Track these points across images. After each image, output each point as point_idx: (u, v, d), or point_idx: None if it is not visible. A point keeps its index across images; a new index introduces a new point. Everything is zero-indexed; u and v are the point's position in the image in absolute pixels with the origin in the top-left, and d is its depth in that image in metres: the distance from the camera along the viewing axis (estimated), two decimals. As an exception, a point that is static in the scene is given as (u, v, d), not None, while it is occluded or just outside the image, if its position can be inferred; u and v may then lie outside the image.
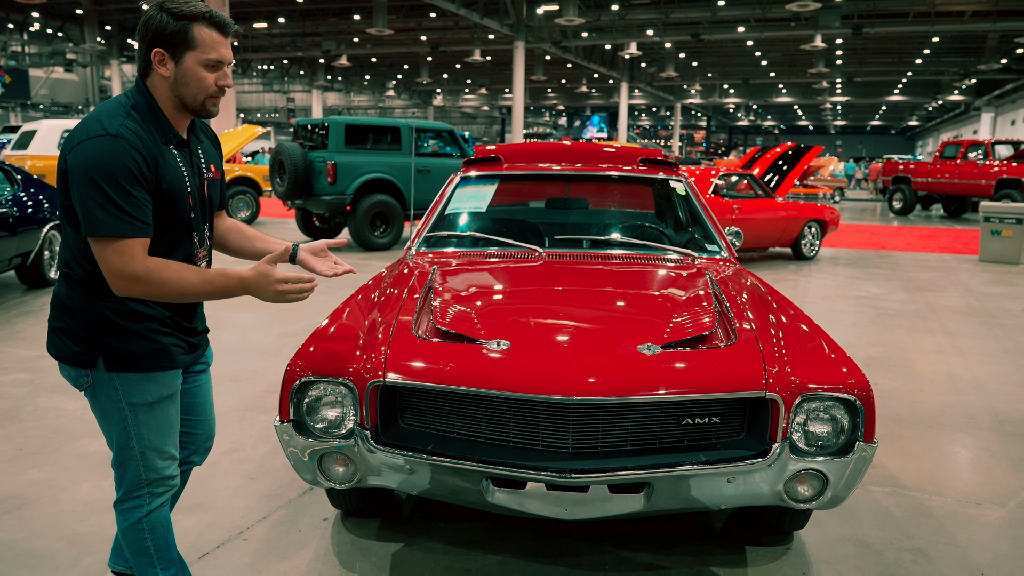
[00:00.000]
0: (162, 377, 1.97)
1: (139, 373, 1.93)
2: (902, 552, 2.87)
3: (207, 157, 2.07)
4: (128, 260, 1.78)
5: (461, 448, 2.24)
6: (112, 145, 1.76)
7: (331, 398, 2.29)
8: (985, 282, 9.45)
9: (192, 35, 1.83)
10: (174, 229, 1.93)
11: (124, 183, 1.76)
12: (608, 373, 2.18)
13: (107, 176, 1.74)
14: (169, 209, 1.88)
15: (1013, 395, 4.87)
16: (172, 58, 1.84)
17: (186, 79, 1.85)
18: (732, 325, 2.53)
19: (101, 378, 1.92)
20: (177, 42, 1.83)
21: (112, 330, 1.89)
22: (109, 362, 1.91)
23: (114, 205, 1.75)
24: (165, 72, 1.84)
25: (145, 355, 1.92)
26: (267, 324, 6.41)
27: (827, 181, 26.90)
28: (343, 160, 10.86)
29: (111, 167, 1.75)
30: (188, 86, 1.86)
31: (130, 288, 1.80)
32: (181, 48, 1.83)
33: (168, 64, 1.84)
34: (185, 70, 1.84)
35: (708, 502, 2.28)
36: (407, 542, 2.87)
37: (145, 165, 1.79)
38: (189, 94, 1.87)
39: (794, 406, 2.20)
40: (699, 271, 3.24)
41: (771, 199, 10.64)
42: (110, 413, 1.96)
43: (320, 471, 2.35)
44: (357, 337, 2.45)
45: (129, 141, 1.77)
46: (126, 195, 1.76)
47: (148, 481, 2.02)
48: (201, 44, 1.84)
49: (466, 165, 4.17)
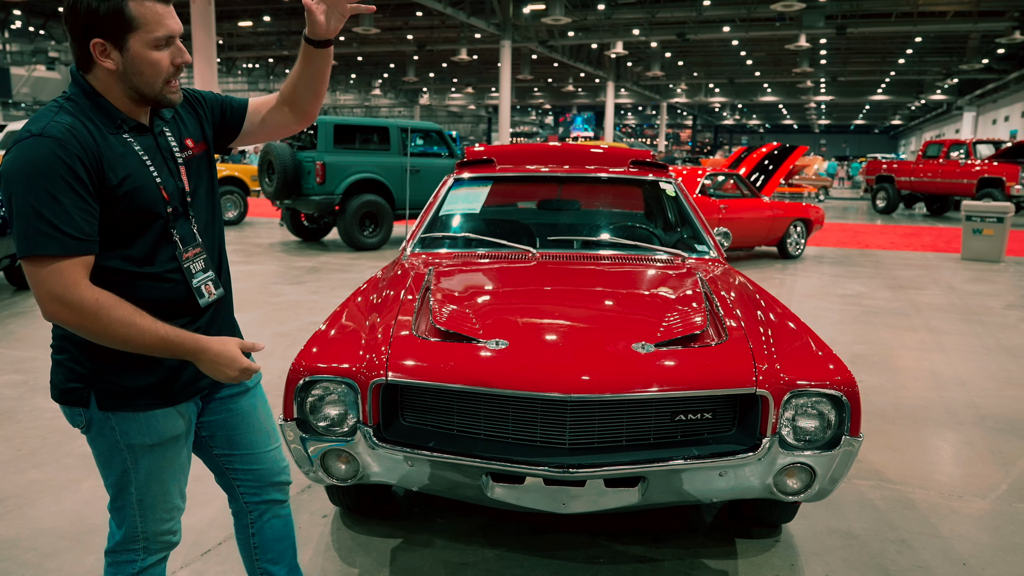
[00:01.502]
0: (163, 416, 1.72)
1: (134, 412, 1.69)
2: (887, 543, 2.97)
3: (182, 131, 1.75)
4: (64, 284, 1.49)
5: (461, 444, 2.31)
6: (36, 147, 1.47)
7: (333, 397, 2.35)
8: (967, 280, 9.61)
9: (130, 13, 1.51)
10: (147, 231, 1.64)
11: (52, 191, 1.46)
12: (604, 371, 2.25)
13: (31, 184, 1.46)
14: (132, 209, 1.59)
15: (993, 391, 4.99)
16: (116, 46, 1.53)
17: (138, 67, 1.55)
18: (722, 324, 2.61)
19: (97, 417, 1.68)
20: (115, 27, 1.51)
21: (102, 361, 1.63)
22: (102, 399, 1.67)
23: (40, 218, 1.46)
24: (111, 64, 1.54)
25: (139, 392, 1.68)
26: (259, 324, 6.44)
27: (812, 180, 27.14)
28: (332, 160, 10.89)
29: (36, 173, 1.46)
30: (142, 75, 1.56)
31: (63, 315, 1.51)
32: (122, 32, 1.52)
33: (112, 55, 1.54)
34: (133, 57, 1.54)
35: (700, 495, 2.35)
36: (406, 537, 2.93)
37: (82, 165, 1.49)
38: (146, 83, 1.58)
39: (783, 402, 2.28)
40: (689, 271, 3.31)
41: (757, 199, 10.76)
42: (108, 455, 1.73)
43: (323, 468, 2.41)
44: (358, 337, 2.51)
45: (58, 139, 1.48)
46: (54, 205, 1.47)
47: (144, 535, 1.78)
48: (144, 22, 1.53)
49: (459, 167, 4.23)
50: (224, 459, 1.94)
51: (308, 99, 1.90)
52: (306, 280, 8.76)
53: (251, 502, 1.99)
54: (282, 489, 2.02)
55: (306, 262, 10.17)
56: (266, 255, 10.83)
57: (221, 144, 1.91)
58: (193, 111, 1.81)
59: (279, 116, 1.92)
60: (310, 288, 8.21)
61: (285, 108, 1.92)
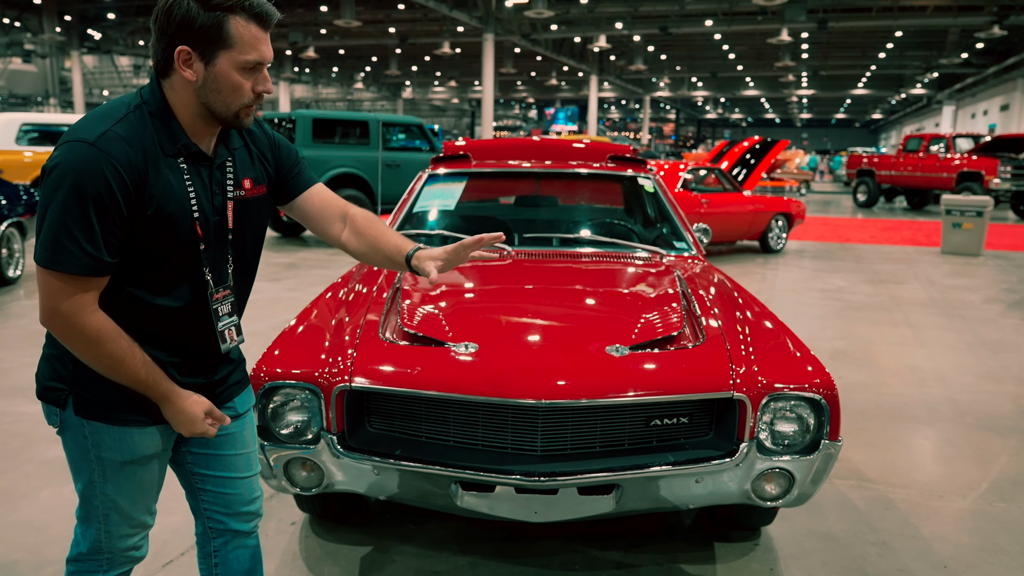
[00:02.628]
0: (139, 434, 1.63)
1: (109, 425, 1.61)
2: (867, 545, 2.92)
3: (240, 170, 1.66)
4: (72, 305, 1.45)
5: (429, 452, 2.23)
6: (85, 155, 1.41)
7: (296, 403, 2.26)
8: (946, 274, 9.63)
9: (228, 31, 1.46)
10: (172, 262, 1.56)
11: (87, 209, 1.41)
12: (576, 375, 2.18)
13: (70, 196, 1.41)
14: (160, 238, 1.52)
15: (973, 386, 4.97)
16: (201, 58, 1.47)
17: (218, 85, 1.49)
18: (700, 324, 2.54)
19: (71, 421, 1.61)
20: (209, 39, 1.46)
21: (85, 366, 1.55)
22: (78, 405, 1.59)
23: (68, 235, 1.42)
24: (191, 75, 1.48)
25: (117, 404, 1.59)
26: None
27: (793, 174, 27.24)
28: (310, 155, 10.74)
29: (78, 185, 1.40)
30: (220, 93, 1.50)
31: (59, 330, 1.48)
32: (213, 46, 1.47)
33: (196, 65, 1.48)
34: (217, 74, 1.48)
35: (677, 502, 2.29)
36: (376, 545, 2.84)
37: (124, 187, 1.43)
38: (220, 102, 1.51)
39: (761, 406, 2.22)
40: (667, 269, 3.25)
41: (739, 193, 10.74)
42: (78, 462, 1.66)
43: (286, 477, 2.32)
44: (324, 340, 2.42)
45: (108, 154, 1.42)
46: (86, 224, 1.42)
47: (108, 549, 1.71)
48: (238, 42, 1.47)
49: (434, 162, 4.14)
50: (197, 478, 1.82)
51: (361, 251, 1.85)
52: (283, 276, 8.63)
53: (216, 528, 1.86)
54: (250, 520, 1.89)
55: (284, 258, 10.04)
56: (244, 251, 10.67)
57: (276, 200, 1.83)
58: (263, 154, 1.74)
59: (329, 226, 1.85)
60: (287, 285, 8.10)
61: (340, 227, 1.85)
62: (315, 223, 1.87)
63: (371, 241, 1.83)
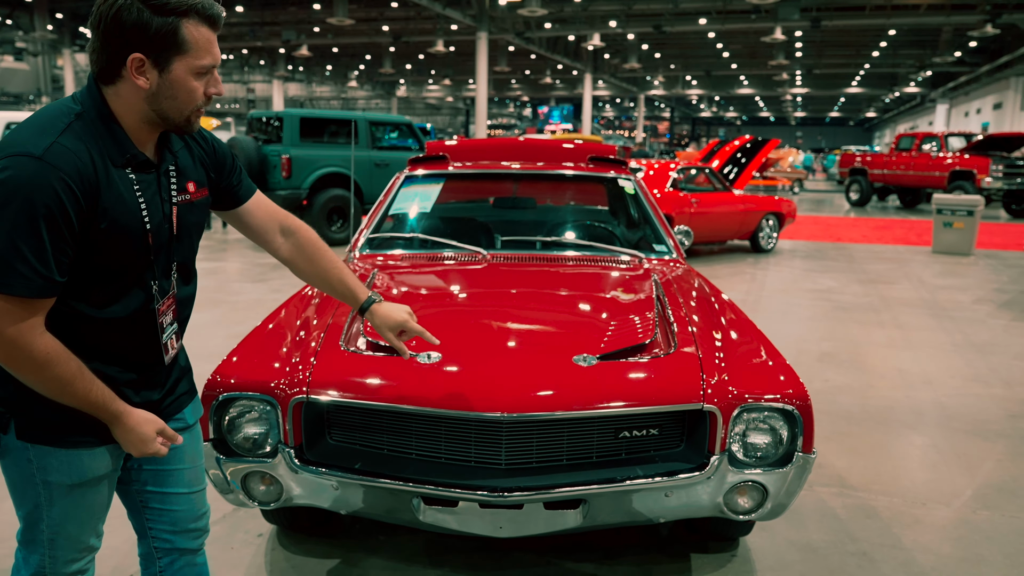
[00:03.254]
0: (88, 456, 1.55)
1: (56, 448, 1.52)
2: (847, 556, 2.86)
3: (183, 175, 1.60)
4: (19, 328, 1.36)
5: (390, 466, 2.15)
6: (32, 170, 1.33)
7: (253, 415, 2.19)
8: (937, 274, 9.59)
9: (182, 36, 1.40)
10: (121, 277, 1.50)
11: (37, 227, 1.33)
12: (542, 387, 2.11)
13: (19, 214, 1.32)
14: (111, 253, 1.45)
15: (960, 389, 4.91)
16: (155, 65, 1.40)
17: (173, 91, 1.43)
18: (672, 332, 2.47)
19: (12, 445, 1.52)
20: (164, 45, 1.39)
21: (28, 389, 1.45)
22: (21, 429, 1.50)
23: (16, 254, 1.32)
24: (144, 83, 1.41)
25: (64, 426, 1.50)
26: (216, 324, 6.24)
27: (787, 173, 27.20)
28: (298, 154, 10.66)
29: (27, 203, 1.32)
30: (175, 99, 1.44)
31: (4, 353, 1.38)
32: (168, 53, 1.40)
33: (150, 73, 1.41)
34: (173, 80, 1.42)
35: (647, 516, 2.22)
36: (344, 558, 2.77)
37: (76, 204, 1.36)
38: (174, 108, 1.46)
39: (732, 417, 2.15)
40: (645, 274, 3.18)
41: (729, 192, 10.68)
42: (21, 487, 1.57)
43: (244, 491, 2.24)
44: (284, 348, 2.34)
45: (58, 168, 1.34)
46: (35, 243, 1.33)
47: (53, 574, 1.63)
48: (193, 47, 1.42)
49: (412, 163, 4.07)
50: (144, 495, 1.74)
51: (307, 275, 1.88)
52: (269, 277, 8.55)
53: (162, 548, 1.78)
54: (197, 537, 1.81)
55: (271, 259, 9.94)
56: (232, 251, 10.59)
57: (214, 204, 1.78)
58: (205, 155, 1.68)
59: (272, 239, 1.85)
60: (272, 286, 8.01)
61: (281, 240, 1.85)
62: (257, 234, 1.84)
63: (322, 272, 1.86)
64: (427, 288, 2.99)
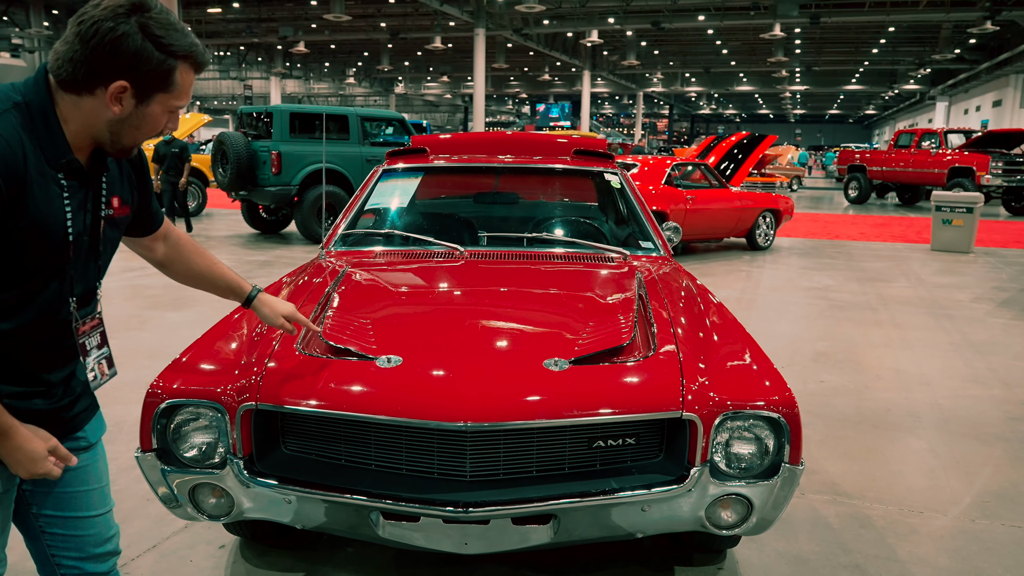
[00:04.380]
0: None
1: None
2: (839, 569, 2.71)
3: (111, 188, 1.50)
4: None
5: (347, 478, 2.00)
6: None
7: (201, 423, 2.04)
8: (935, 272, 9.45)
9: (174, 77, 1.36)
10: (27, 282, 1.36)
11: None
12: (508, 394, 1.96)
13: None
14: (24, 255, 1.33)
15: (958, 390, 4.77)
16: (135, 96, 1.34)
17: (141, 123, 1.38)
18: (652, 334, 2.32)
19: None
20: (154, 82, 1.34)
21: None
22: None
23: None
24: (117, 110, 1.33)
25: None
26: (196, 323, 6.08)
27: (784, 170, 27.05)
28: (288, 150, 10.50)
29: None
30: (139, 130, 1.39)
31: None
32: (153, 89, 1.35)
33: (127, 102, 1.34)
34: (147, 114, 1.37)
35: (624, 530, 2.07)
36: (309, 571, 2.62)
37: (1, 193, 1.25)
38: (132, 137, 1.39)
39: (714, 426, 2.00)
40: (629, 272, 3.03)
41: (725, 189, 10.53)
42: None
43: (193, 504, 2.09)
44: (236, 351, 2.20)
45: None
46: None
47: None
48: (178, 88, 1.38)
49: (390, 157, 3.92)
50: (43, 520, 1.57)
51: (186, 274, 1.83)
52: (256, 275, 8.40)
53: (67, 571, 1.62)
54: (107, 561, 1.65)
55: (261, 256, 9.81)
56: (221, 248, 10.44)
57: None
58: (132, 173, 1.59)
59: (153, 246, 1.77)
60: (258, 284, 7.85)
61: (160, 244, 1.77)
62: (142, 245, 1.75)
63: (203, 270, 1.84)
64: (398, 286, 2.84)
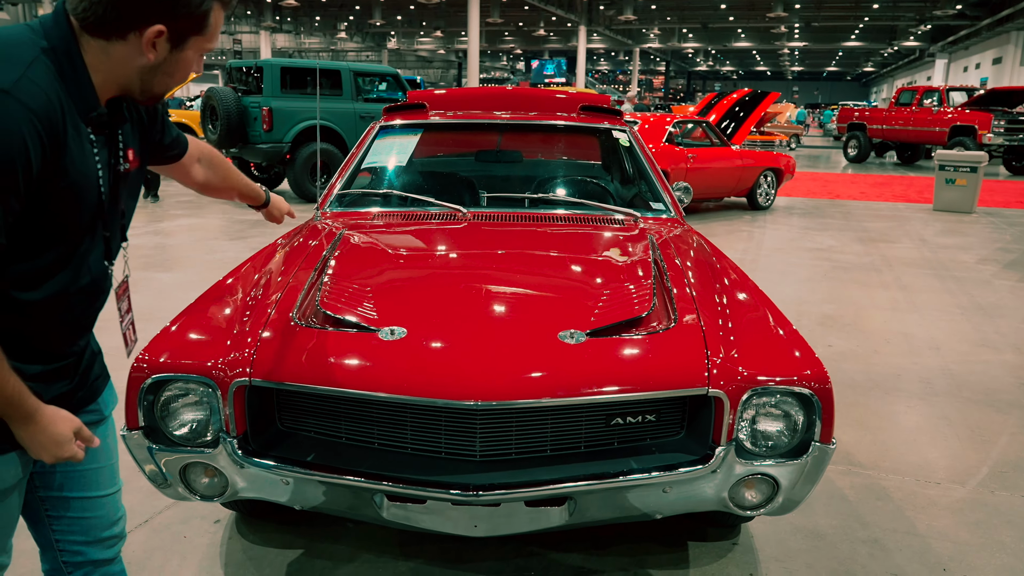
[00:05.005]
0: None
1: None
2: (857, 544, 2.62)
3: (126, 140, 1.38)
4: None
5: (348, 458, 1.88)
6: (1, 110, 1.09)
7: (191, 399, 1.90)
8: (939, 232, 9.32)
9: (210, 18, 1.27)
10: (67, 243, 1.27)
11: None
12: (521, 370, 1.82)
13: None
14: (62, 215, 1.23)
15: (969, 355, 4.67)
16: (170, 41, 1.23)
17: (175, 68, 1.28)
18: (672, 302, 2.18)
19: None
20: (192, 24, 1.24)
21: None
22: None
23: None
24: (152, 57, 1.23)
25: None
26: (190, 284, 5.91)
27: (783, 128, 26.73)
28: (279, 106, 10.22)
29: None
30: (171, 76, 1.29)
31: None
32: (191, 32, 1.25)
33: (162, 47, 1.23)
34: (181, 59, 1.27)
35: (642, 511, 1.96)
36: (307, 548, 2.52)
37: (40, 148, 1.13)
38: (163, 84, 1.30)
39: (741, 402, 1.87)
40: (640, 235, 2.87)
41: (727, 147, 10.32)
42: None
43: (184, 485, 1.97)
44: (229, 320, 2.05)
45: (30, 110, 1.11)
46: None
47: None
48: (211, 29, 1.29)
49: (387, 113, 3.73)
50: (49, 503, 1.46)
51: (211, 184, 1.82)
52: (249, 235, 8.22)
53: (72, 561, 1.51)
54: (112, 545, 1.55)
55: (251, 215, 9.59)
56: (212, 207, 10.21)
57: None
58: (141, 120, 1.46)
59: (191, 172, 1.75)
60: (251, 244, 7.68)
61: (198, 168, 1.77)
62: (180, 173, 1.74)
63: (231, 182, 1.87)
64: (399, 251, 2.69)
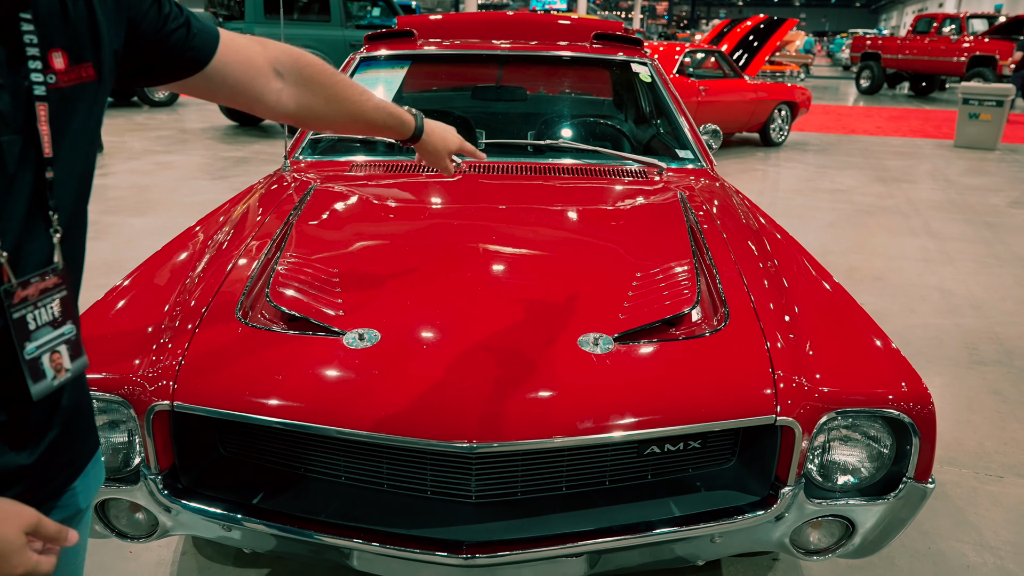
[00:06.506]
0: None
1: None
2: (916, 559, 2.24)
3: (46, 36, 0.81)
4: None
5: (307, 499, 1.45)
6: None
7: (103, 419, 1.47)
8: (963, 171, 8.79)
9: None
10: None
11: None
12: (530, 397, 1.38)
13: None
14: None
15: (1015, 316, 4.25)
16: None
17: None
18: (719, 291, 1.72)
19: None
20: None
21: None
22: None
23: None
24: None
25: None
26: (162, 230, 5.42)
27: (793, 57, 25.73)
28: (263, 32, 9.52)
29: None
30: None
31: None
32: None
33: None
34: None
35: (682, 557, 1.56)
36: (272, 568, 2.13)
37: None
38: None
39: (816, 427, 1.44)
40: (669, 192, 2.40)
41: (740, 79, 9.68)
42: None
43: (105, 524, 1.55)
44: (156, 317, 1.60)
45: None
46: None
47: None
48: None
49: (370, 42, 3.20)
50: None
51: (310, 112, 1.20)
52: (232, 174, 7.68)
53: None
54: None
55: (237, 151, 9.03)
56: (194, 142, 9.62)
57: (133, 80, 1.00)
58: (89, 5, 0.85)
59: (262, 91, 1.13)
60: (233, 184, 7.16)
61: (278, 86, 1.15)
62: (238, 93, 1.11)
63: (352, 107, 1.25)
64: (377, 216, 2.21)
